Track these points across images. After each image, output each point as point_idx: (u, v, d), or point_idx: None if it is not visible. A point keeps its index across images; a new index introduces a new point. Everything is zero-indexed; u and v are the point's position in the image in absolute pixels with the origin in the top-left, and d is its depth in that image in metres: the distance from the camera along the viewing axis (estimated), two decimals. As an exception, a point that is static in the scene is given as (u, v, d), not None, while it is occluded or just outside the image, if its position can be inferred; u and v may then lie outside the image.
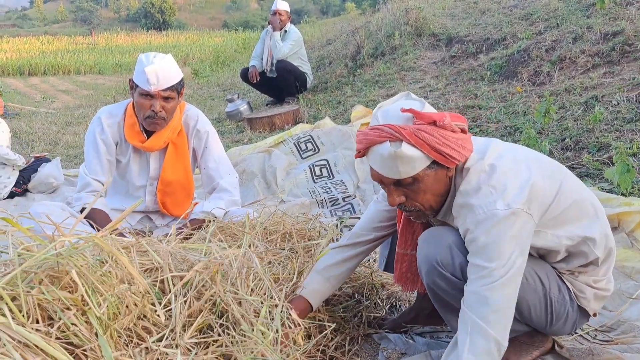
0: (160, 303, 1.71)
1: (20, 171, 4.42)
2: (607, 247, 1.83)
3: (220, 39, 35.28)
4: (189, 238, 2.42)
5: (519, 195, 1.65)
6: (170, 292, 1.75)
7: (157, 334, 1.65)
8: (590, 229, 1.78)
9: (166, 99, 2.75)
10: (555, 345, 2.01)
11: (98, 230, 2.43)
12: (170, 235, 2.19)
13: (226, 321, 1.75)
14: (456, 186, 1.76)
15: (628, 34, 5.40)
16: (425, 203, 1.76)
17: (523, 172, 1.71)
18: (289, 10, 7.13)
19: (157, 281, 1.78)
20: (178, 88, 2.78)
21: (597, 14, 6.22)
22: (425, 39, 7.84)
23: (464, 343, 1.63)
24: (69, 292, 1.52)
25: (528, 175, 1.69)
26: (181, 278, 1.80)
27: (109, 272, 1.62)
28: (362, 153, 1.74)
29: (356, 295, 2.34)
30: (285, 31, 7.05)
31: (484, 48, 6.84)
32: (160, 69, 2.68)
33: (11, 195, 4.25)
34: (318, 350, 2.04)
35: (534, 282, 1.80)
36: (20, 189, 4.28)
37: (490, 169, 1.71)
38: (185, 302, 1.74)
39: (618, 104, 4.36)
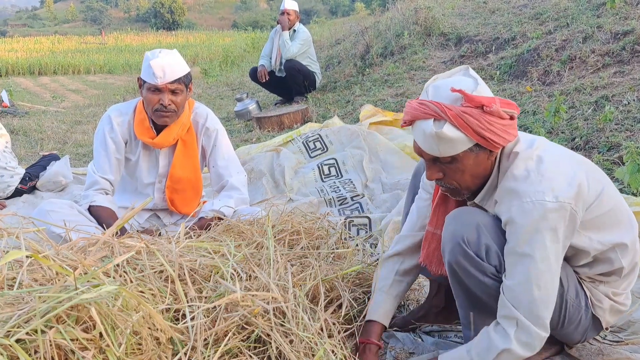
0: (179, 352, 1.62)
1: (27, 168, 4.43)
2: (634, 261, 1.82)
3: (230, 39, 35.32)
4: (199, 236, 2.43)
5: (568, 190, 1.63)
6: (184, 300, 1.71)
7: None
8: (622, 238, 1.77)
9: (174, 92, 2.76)
10: (565, 346, 1.99)
11: (105, 228, 2.46)
12: (179, 234, 2.19)
13: (262, 351, 1.70)
14: (500, 169, 1.75)
15: (638, 33, 5.35)
16: (462, 183, 1.76)
17: (570, 168, 1.69)
18: (297, 10, 7.13)
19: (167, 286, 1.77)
20: (185, 81, 2.79)
21: (607, 14, 6.18)
22: (434, 39, 7.82)
23: (503, 333, 1.66)
24: (86, 327, 1.48)
25: (575, 172, 1.68)
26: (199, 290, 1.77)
27: (128, 307, 1.55)
28: (407, 124, 1.73)
29: (365, 297, 2.33)
30: (294, 31, 7.05)
31: (493, 47, 6.81)
32: (166, 62, 2.70)
33: (19, 192, 4.25)
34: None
35: None
36: (27, 185, 4.28)
37: (538, 158, 1.69)
38: (207, 321, 1.68)
39: (628, 103, 4.32)
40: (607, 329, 1.94)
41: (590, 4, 6.71)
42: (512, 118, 1.67)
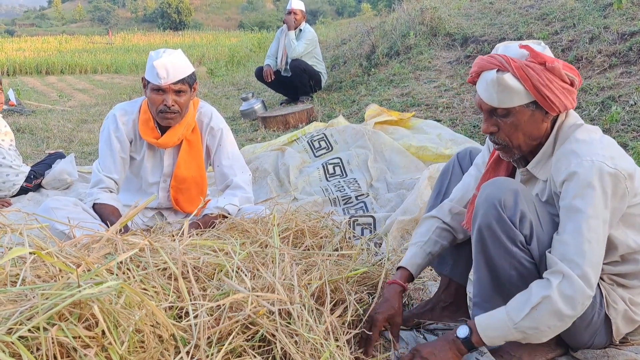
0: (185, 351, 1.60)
1: (32, 166, 4.44)
2: None
3: (236, 39, 35.36)
4: (203, 234, 2.43)
5: (626, 166, 1.70)
6: (188, 298, 1.70)
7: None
8: None
9: (178, 92, 2.74)
10: (569, 349, 1.98)
11: (109, 226, 2.46)
12: (183, 231, 2.19)
13: (267, 351, 1.70)
14: (558, 139, 1.80)
15: (646, 33, 5.33)
16: (514, 140, 1.80)
17: (626, 156, 1.77)
18: (304, 10, 7.13)
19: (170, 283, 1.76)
20: (189, 82, 2.77)
21: (614, 14, 6.15)
22: (440, 39, 7.80)
23: (544, 283, 1.67)
24: (88, 324, 1.47)
25: (632, 160, 1.76)
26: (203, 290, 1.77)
27: (131, 304, 1.54)
28: (474, 76, 1.82)
29: (369, 297, 2.31)
30: (300, 30, 7.05)
31: (499, 48, 6.79)
32: (170, 63, 2.68)
33: (24, 190, 4.26)
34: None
35: None
36: (32, 183, 4.29)
37: (602, 134, 1.78)
38: (210, 320, 1.67)
39: (635, 104, 4.30)
40: (615, 341, 1.91)
41: (596, 5, 6.68)
42: (572, 84, 1.74)
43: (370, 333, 1.92)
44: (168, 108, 2.74)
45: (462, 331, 1.78)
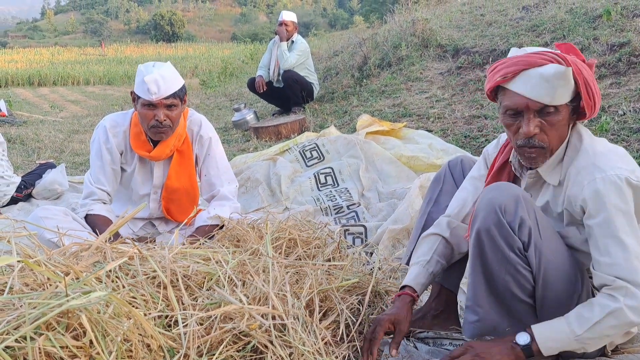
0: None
1: (23, 176, 4.42)
2: None
3: (229, 51, 35.48)
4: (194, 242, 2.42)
5: None
6: (177, 307, 1.69)
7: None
8: None
9: (169, 107, 2.71)
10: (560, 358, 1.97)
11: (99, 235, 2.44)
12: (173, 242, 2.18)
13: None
14: (570, 146, 1.79)
15: (635, 45, 5.39)
16: (552, 140, 1.77)
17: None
18: (295, 21, 7.15)
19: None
20: (180, 95, 2.74)
21: (603, 26, 6.21)
22: (431, 50, 7.84)
23: (610, 298, 1.66)
24: (76, 334, 1.45)
25: None
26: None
27: (119, 314, 1.53)
28: (513, 75, 1.73)
29: (361, 307, 2.30)
30: (293, 42, 7.08)
31: (490, 59, 6.83)
32: (160, 77, 2.64)
33: (14, 200, 4.24)
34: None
35: (572, 277, 1.79)
36: (22, 193, 4.27)
37: (614, 145, 1.77)
38: (200, 329, 1.65)
39: (624, 114, 4.34)
40: (608, 352, 1.91)
41: (586, 16, 6.75)
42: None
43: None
44: (160, 123, 2.70)
45: (522, 338, 1.76)
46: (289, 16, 7.08)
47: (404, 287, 2.06)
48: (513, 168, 1.95)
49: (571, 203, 1.77)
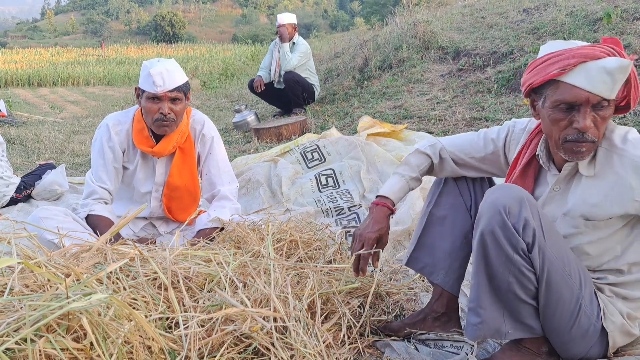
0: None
1: (23, 177, 4.42)
2: None
3: (230, 52, 35.49)
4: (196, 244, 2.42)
5: None
6: (178, 308, 1.69)
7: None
8: None
9: (174, 100, 2.75)
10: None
11: (100, 236, 2.44)
12: (174, 243, 2.18)
13: None
14: (604, 136, 1.79)
15: (635, 48, 5.38)
16: (601, 135, 1.75)
17: None
18: (293, 22, 7.14)
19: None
20: (184, 90, 2.78)
21: (603, 29, 6.21)
22: (432, 52, 7.84)
23: None
24: (77, 336, 1.45)
25: None
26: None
27: (120, 316, 1.53)
28: (573, 65, 1.68)
29: (363, 308, 2.29)
30: (294, 43, 7.08)
31: (491, 61, 6.83)
32: (165, 70, 2.70)
33: (14, 201, 4.23)
34: None
35: (576, 280, 1.78)
36: (21, 194, 4.26)
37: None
38: (201, 331, 1.65)
39: (624, 116, 4.33)
40: (612, 353, 1.90)
41: (586, 19, 6.74)
42: None
43: (361, 252, 2.05)
44: (164, 116, 2.74)
45: None
46: (286, 19, 7.08)
47: (380, 196, 2.15)
48: (541, 162, 1.93)
49: (620, 190, 1.76)
